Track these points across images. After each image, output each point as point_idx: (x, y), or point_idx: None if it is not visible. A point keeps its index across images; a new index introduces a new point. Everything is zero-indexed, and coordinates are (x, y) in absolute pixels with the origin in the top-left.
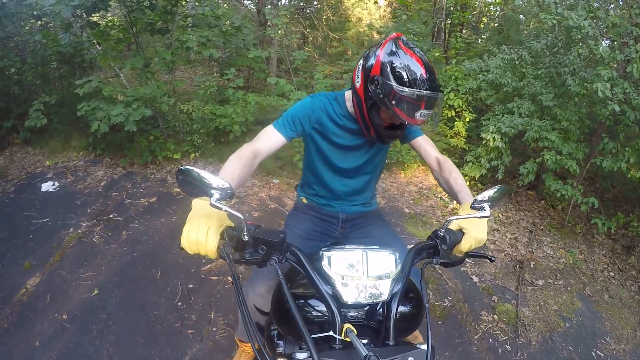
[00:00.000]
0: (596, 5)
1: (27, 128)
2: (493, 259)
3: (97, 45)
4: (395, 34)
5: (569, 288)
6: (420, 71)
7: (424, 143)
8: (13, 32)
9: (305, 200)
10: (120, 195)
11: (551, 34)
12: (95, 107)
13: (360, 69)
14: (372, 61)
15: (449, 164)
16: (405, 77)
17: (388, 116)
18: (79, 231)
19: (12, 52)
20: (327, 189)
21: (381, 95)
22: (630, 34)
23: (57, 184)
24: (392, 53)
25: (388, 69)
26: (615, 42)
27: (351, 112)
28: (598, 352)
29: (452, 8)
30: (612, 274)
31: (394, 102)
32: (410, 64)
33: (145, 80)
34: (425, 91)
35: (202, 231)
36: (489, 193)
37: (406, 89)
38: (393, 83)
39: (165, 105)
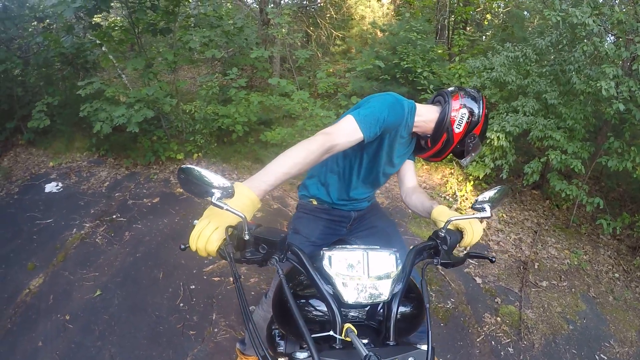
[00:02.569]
0: (601, 1)
1: (30, 129)
2: (494, 259)
3: (101, 47)
4: (482, 96)
5: (573, 290)
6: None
7: (411, 167)
8: (16, 34)
9: (315, 202)
10: (123, 195)
11: (556, 31)
12: (98, 108)
13: (464, 118)
14: (477, 120)
15: (420, 191)
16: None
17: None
18: (82, 232)
19: (15, 54)
20: (346, 192)
21: (470, 147)
22: (636, 30)
23: (60, 184)
24: (485, 116)
25: (482, 130)
26: (621, 39)
27: (413, 125)
28: (602, 355)
29: (455, 4)
30: (616, 275)
31: (473, 153)
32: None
33: (148, 81)
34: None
35: (205, 230)
36: (489, 194)
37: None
38: (480, 141)
39: (167, 106)
